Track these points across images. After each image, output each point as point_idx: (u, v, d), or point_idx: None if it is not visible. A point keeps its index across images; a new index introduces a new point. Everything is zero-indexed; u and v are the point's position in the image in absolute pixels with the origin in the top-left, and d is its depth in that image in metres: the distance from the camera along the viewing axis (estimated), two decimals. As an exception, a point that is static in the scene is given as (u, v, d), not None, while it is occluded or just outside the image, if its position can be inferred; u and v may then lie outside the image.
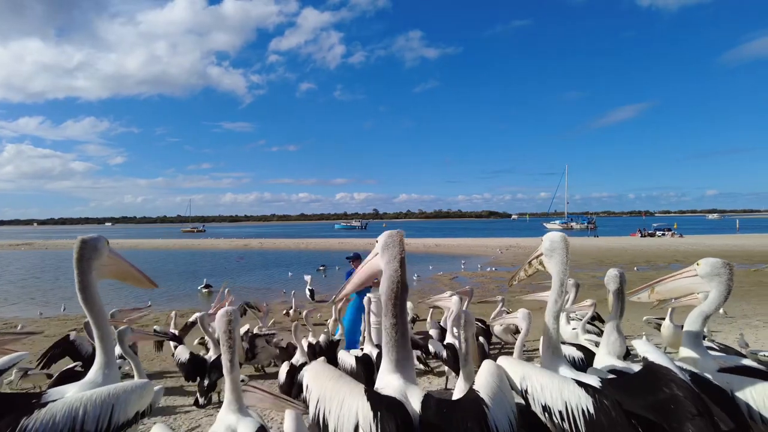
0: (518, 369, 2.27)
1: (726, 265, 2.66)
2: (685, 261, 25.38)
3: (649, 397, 2.05)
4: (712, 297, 2.69)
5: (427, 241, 47.97)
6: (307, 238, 59.08)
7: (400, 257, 2.11)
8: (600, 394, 2.04)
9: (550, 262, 2.65)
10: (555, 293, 2.59)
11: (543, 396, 2.12)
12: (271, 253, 39.36)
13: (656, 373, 2.12)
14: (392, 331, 2.08)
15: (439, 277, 21.73)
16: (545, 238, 2.70)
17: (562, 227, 77.19)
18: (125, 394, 2.51)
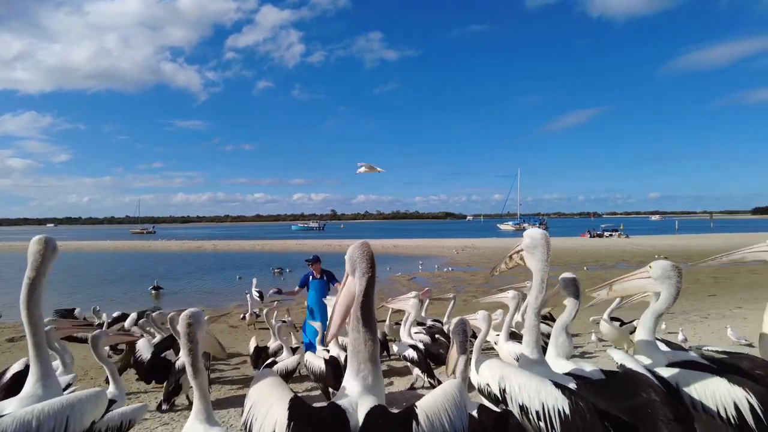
0: (497, 369, 2.31)
1: (675, 268, 2.83)
2: (631, 261, 26.70)
3: (626, 400, 2.14)
4: (663, 297, 2.85)
5: (386, 242, 48.14)
6: (263, 240, 58.00)
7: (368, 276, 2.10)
8: (576, 396, 2.10)
9: (531, 259, 2.69)
10: (536, 290, 2.63)
11: (521, 396, 2.16)
12: (226, 255, 38.36)
13: (633, 378, 2.23)
14: (358, 343, 2.07)
15: (397, 278, 21.85)
16: (526, 235, 2.73)
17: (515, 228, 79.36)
18: (80, 403, 2.41)
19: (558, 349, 2.91)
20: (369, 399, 1.99)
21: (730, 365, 2.66)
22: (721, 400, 2.33)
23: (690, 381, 2.49)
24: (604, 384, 2.31)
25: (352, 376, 2.06)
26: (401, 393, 6.13)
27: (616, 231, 55.27)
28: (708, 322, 10.56)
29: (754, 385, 2.36)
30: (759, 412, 2.24)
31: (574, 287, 2.99)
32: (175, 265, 31.38)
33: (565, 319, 2.92)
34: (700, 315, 11.55)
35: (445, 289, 17.01)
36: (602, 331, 7.18)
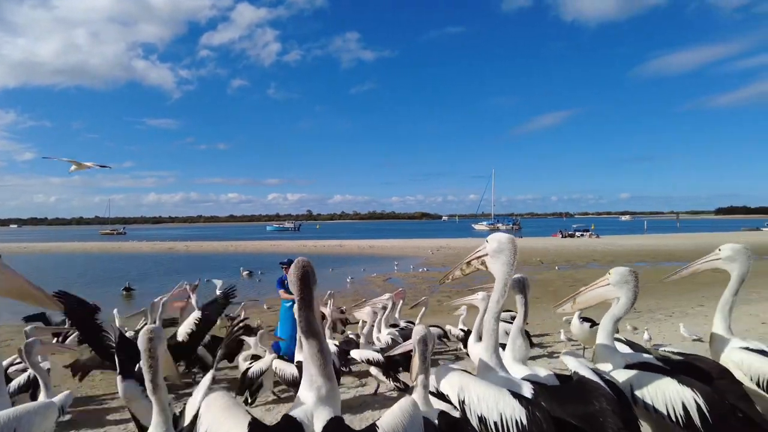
0: (457, 379, 2.33)
1: (632, 273, 2.93)
2: (602, 260, 27.32)
3: (580, 408, 2.21)
4: (622, 302, 2.95)
5: (362, 243, 48.11)
6: (237, 241, 57.18)
7: (300, 297, 2.11)
8: (533, 406, 2.15)
9: (494, 263, 2.67)
10: (498, 294, 2.63)
11: (479, 407, 2.18)
12: (199, 257, 37.73)
13: (587, 386, 2.29)
14: (309, 356, 2.10)
15: (372, 279, 21.88)
16: (492, 239, 2.71)
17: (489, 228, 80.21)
18: (28, 415, 2.36)
19: (515, 352, 2.96)
20: (325, 410, 2.01)
21: (682, 366, 2.78)
22: (671, 400, 2.43)
23: (644, 383, 2.59)
24: (558, 390, 2.36)
25: (307, 387, 2.09)
26: (370, 396, 6.16)
27: (588, 231, 56.43)
28: (672, 320, 10.91)
29: (702, 385, 2.47)
30: (705, 411, 2.34)
31: (522, 288, 3.05)
32: (146, 266, 30.72)
33: (520, 323, 2.98)
34: (665, 313, 11.93)
35: (420, 289, 17.12)
36: (573, 331, 7.34)
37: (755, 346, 2.94)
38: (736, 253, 3.19)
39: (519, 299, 3.06)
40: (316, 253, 38.27)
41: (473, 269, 2.84)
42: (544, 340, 9.24)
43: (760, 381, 2.76)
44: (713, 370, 2.74)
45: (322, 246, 44.86)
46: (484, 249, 2.73)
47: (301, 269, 2.14)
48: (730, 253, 3.20)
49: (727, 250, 3.22)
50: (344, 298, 15.35)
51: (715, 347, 3.10)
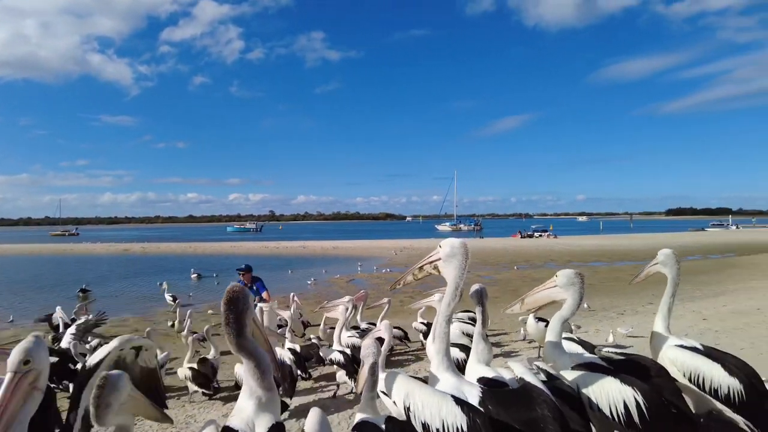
0: (402, 385, 2.36)
1: (578, 275, 3.06)
2: (559, 260, 28.14)
3: (524, 414, 2.28)
4: (568, 303, 3.07)
5: (325, 244, 47.83)
6: (196, 242, 55.79)
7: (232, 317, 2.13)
8: (474, 413, 2.20)
9: (447, 268, 2.69)
10: (449, 297, 2.65)
11: (423, 414, 2.23)
12: (156, 259, 36.57)
13: (531, 392, 2.36)
14: (248, 368, 2.13)
15: (336, 280, 21.80)
16: (445, 244, 2.73)
17: (452, 229, 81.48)
18: None
19: (478, 355, 3.02)
20: (266, 417, 2.06)
21: (623, 365, 2.92)
22: (613, 399, 2.56)
23: (589, 383, 2.71)
24: (505, 395, 2.43)
25: (246, 396, 2.13)
26: (329, 400, 6.17)
27: (546, 231, 57.94)
28: (624, 318, 11.38)
29: (641, 384, 2.60)
30: (643, 409, 2.48)
31: (480, 298, 3.14)
32: (101, 269, 29.61)
33: (480, 329, 3.05)
34: (617, 311, 12.42)
35: (383, 290, 17.18)
36: (529, 330, 7.56)
37: (689, 344, 3.12)
38: (668, 258, 3.41)
39: (478, 310, 3.13)
40: (278, 254, 37.79)
41: (426, 274, 2.86)
42: (502, 340, 9.46)
43: (691, 376, 2.94)
44: (651, 368, 2.89)
45: (285, 247, 44.33)
46: (437, 253, 2.75)
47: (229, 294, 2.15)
48: (663, 258, 3.43)
49: (661, 255, 3.45)
50: (306, 300, 15.22)
51: (654, 345, 3.27)
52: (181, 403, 6.47)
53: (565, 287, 3.06)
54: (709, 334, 8.56)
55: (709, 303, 12.51)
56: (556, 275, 3.14)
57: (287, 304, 9.56)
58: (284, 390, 5.32)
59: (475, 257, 30.29)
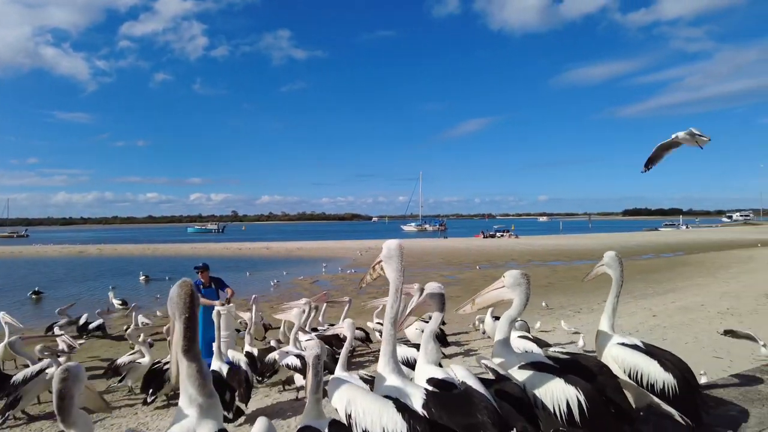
0: (344, 392, 2.36)
1: (524, 276, 3.13)
2: (520, 260, 28.81)
3: (464, 419, 2.31)
4: (515, 303, 3.13)
5: (290, 245, 47.37)
6: (155, 243, 54.19)
7: (185, 317, 2.09)
8: (414, 420, 2.22)
9: (387, 269, 2.73)
10: (392, 298, 2.67)
11: (364, 421, 2.23)
12: (113, 261, 35.28)
13: (473, 398, 2.40)
14: (187, 376, 2.08)
15: (299, 282, 21.63)
16: (385, 246, 2.77)
17: (417, 229, 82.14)
18: None
19: (427, 356, 3.04)
20: (208, 424, 2.02)
21: (570, 365, 3.00)
22: (557, 398, 2.63)
23: (535, 382, 2.78)
24: (448, 399, 2.45)
25: (187, 403, 2.08)
26: (288, 403, 6.11)
27: (508, 231, 59.15)
28: (580, 316, 11.76)
29: (584, 383, 2.69)
30: (584, 408, 2.56)
31: (440, 300, 3.15)
32: (53, 272, 28.31)
33: (432, 328, 3.05)
34: (574, 309, 12.84)
35: (347, 291, 17.14)
36: (486, 328, 7.71)
37: (630, 342, 3.24)
38: (611, 260, 3.54)
39: (436, 315, 3.14)
40: (240, 255, 37.13)
41: (377, 274, 2.90)
42: (461, 339, 9.61)
43: (631, 373, 3.06)
44: (595, 368, 2.99)
45: (248, 248, 43.59)
46: (380, 256, 2.79)
47: (188, 287, 2.10)
48: (608, 260, 3.55)
49: (607, 257, 3.57)
50: (269, 303, 15.08)
51: (598, 343, 3.38)
52: (134, 410, 6.28)
53: (512, 287, 3.12)
54: (658, 330, 8.94)
55: (659, 300, 13.08)
56: (504, 276, 3.20)
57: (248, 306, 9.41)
58: (239, 395, 5.23)
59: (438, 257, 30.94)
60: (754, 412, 3.44)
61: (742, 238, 43.58)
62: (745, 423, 3.26)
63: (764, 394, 3.81)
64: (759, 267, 20.37)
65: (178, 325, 2.08)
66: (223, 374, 5.25)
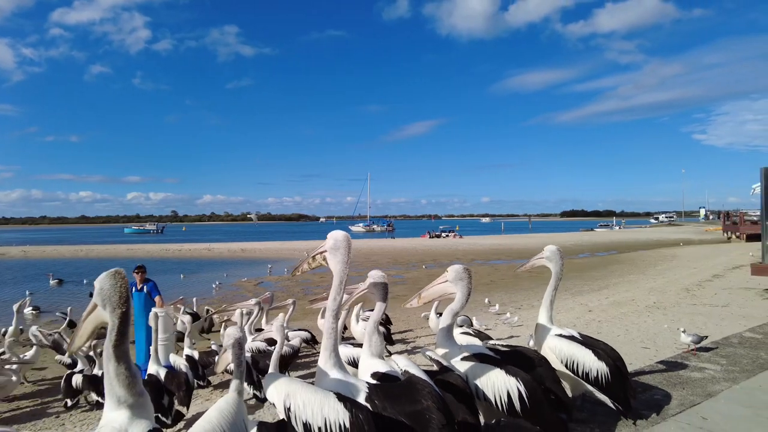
0: (283, 387, 2.31)
1: (466, 271, 3.21)
2: (464, 258, 29.46)
3: (409, 406, 2.34)
4: (458, 297, 3.21)
5: (233, 246, 46.03)
6: (88, 245, 51.10)
7: (120, 311, 2.02)
8: (357, 409, 2.22)
9: (332, 260, 2.71)
10: (334, 291, 2.67)
11: (305, 413, 2.20)
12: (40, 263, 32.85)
13: (416, 385, 2.43)
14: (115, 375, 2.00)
15: (243, 284, 21.06)
16: (330, 237, 2.75)
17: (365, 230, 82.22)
18: None
19: (372, 348, 3.04)
20: (141, 423, 1.95)
21: (509, 356, 3.11)
22: (498, 389, 2.72)
23: (477, 374, 2.85)
24: (391, 389, 2.47)
25: (115, 406, 1.99)
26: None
27: (453, 232, 60.36)
28: (520, 312, 12.17)
29: (525, 374, 2.79)
30: (525, 398, 2.66)
31: (383, 290, 3.15)
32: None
33: (375, 318, 3.04)
34: (515, 306, 13.27)
35: (293, 292, 16.89)
36: (430, 325, 7.81)
37: (567, 333, 3.40)
38: (553, 253, 3.68)
39: (379, 305, 3.11)
40: (180, 257, 35.71)
41: (317, 264, 2.87)
42: (407, 336, 9.69)
43: (568, 362, 3.21)
44: (534, 359, 3.12)
45: (188, 249, 41.97)
46: (324, 245, 2.77)
47: (123, 278, 2.00)
48: (549, 254, 3.69)
49: (547, 251, 3.71)
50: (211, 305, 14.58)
51: (537, 335, 3.53)
52: (60, 420, 5.90)
53: (455, 282, 3.19)
54: (593, 324, 9.41)
55: (594, 296, 13.77)
56: (447, 271, 3.26)
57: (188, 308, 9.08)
58: (179, 399, 5.02)
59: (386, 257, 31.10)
60: (675, 395, 3.71)
61: (667, 237, 46.77)
62: (667, 405, 3.51)
63: (684, 378, 4.11)
64: (681, 264, 21.92)
65: (111, 319, 1.98)
66: (160, 378, 5.02)
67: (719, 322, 8.08)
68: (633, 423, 3.17)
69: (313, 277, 22.82)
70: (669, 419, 3.25)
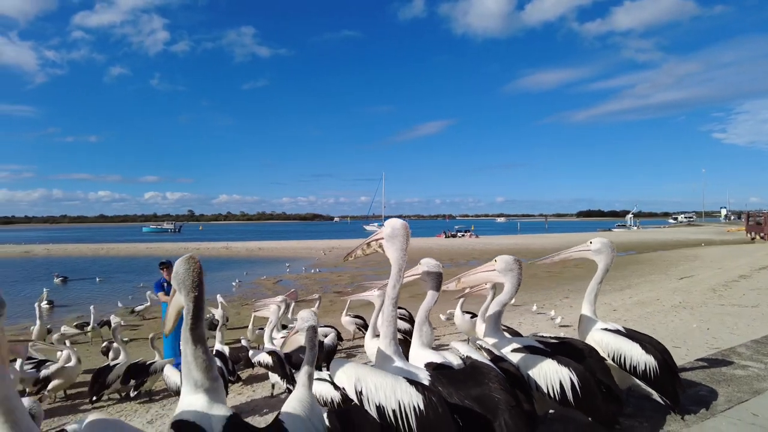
0: (352, 371, 2.31)
1: (516, 261, 3.19)
2: (481, 258, 29.34)
3: (475, 390, 2.34)
4: (506, 288, 3.19)
5: (250, 245, 46.43)
6: (108, 243, 51.99)
7: (194, 295, 2.04)
8: (429, 392, 2.22)
9: (390, 248, 2.70)
10: (393, 279, 2.66)
11: (377, 396, 2.20)
12: (62, 261, 33.48)
13: (480, 369, 2.44)
14: (193, 359, 2.01)
15: (262, 281, 21.26)
16: (387, 224, 2.76)
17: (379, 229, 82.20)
18: None
19: (423, 338, 3.04)
20: (220, 408, 1.96)
21: (559, 348, 3.09)
22: (551, 379, 2.70)
23: (529, 363, 2.84)
24: (454, 375, 2.48)
25: (192, 389, 1.99)
26: (263, 400, 6.00)
27: (468, 232, 60.11)
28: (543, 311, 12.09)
29: (576, 365, 2.77)
30: (577, 388, 2.64)
31: (436, 279, 3.14)
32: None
33: (426, 307, 3.02)
34: (537, 305, 13.18)
35: (312, 290, 16.99)
36: (456, 322, 7.79)
37: (612, 327, 3.37)
38: (604, 246, 3.61)
39: (431, 294, 3.10)
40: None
41: (372, 250, 2.86)
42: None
43: (614, 356, 3.18)
44: (584, 350, 3.09)
45: (206, 248, 42.41)
46: (381, 233, 2.77)
47: (197, 263, 2.03)
48: (599, 246, 3.61)
49: (597, 243, 3.64)
50: (230, 303, 14.75)
51: (581, 328, 3.49)
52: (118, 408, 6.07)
53: (504, 272, 3.18)
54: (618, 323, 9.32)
55: (617, 296, 13.61)
56: (495, 260, 3.24)
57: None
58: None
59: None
60: (721, 391, 3.65)
61: (688, 238, 45.99)
62: (714, 401, 3.45)
63: (728, 376, 4.04)
64: (704, 264, 21.55)
65: (186, 303, 2.01)
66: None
67: (750, 323, 7.93)
68: (681, 418, 3.13)
69: (330, 275, 22.97)
70: (718, 415, 3.21)
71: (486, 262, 3.59)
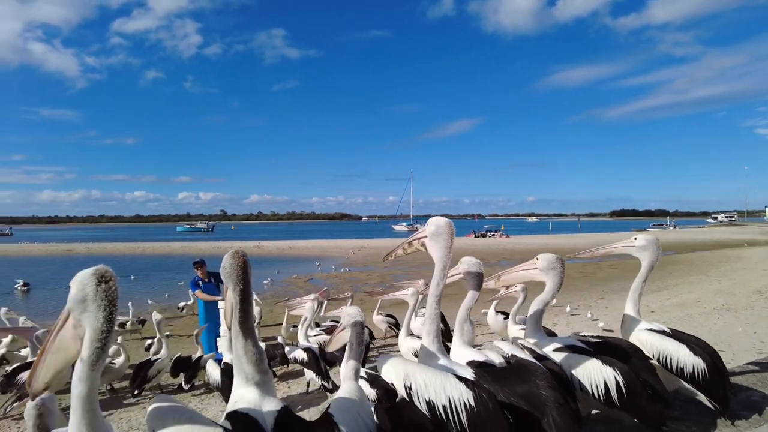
0: (401, 367, 2.31)
1: (559, 260, 3.12)
2: (512, 258, 28.92)
3: (521, 387, 2.31)
4: (548, 287, 3.14)
5: (281, 244, 47.11)
6: (144, 242, 53.57)
7: (240, 288, 2.07)
8: (479, 388, 2.20)
9: (433, 247, 2.67)
10: (437, 277, 2.64)
11: (427, 392, 2.19)
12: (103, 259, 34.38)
13: (526, 367, 2.41)
14: (244, 352, 2.03)
15: (293, 280, 21.54)
16: (431, 222, 2.72)
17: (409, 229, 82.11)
18: None
19: (463, 337, 3.02)
20: (272, 401, 1.97)
21: (602, 347, 3.02)
22: (595, 379, 2.64)
23: (572, 363, 2.78)
24: (499, 372, 2.46)
25: (243, 383, 2.01)
26: (299, 396, 6.07)
27: (498, 231, 59.39)
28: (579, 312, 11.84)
29: (621, 364, 2.70)
30: (623, 388, 2.57)
31: (477, 280, 3.12)
32: (39, 269, 27.84)
33: (467, 306, 3.00)
34: (571, 307, 12.91)
35: (342, 289, 17.09)
36: (489, 322, 7.72)
37: (657, 327, 3.26)
38: (649, 243, 3.50)
39: (472, 294, 3.07)
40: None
41: (414, 249, 2.83)
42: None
43: (660, 357, 3.08)
44: (628, 350, 3.01)
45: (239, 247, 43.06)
46: (424, 231, 2.74)
47: (242, 257, 2.07)
48: (644, 243, 3.50)
49: (642, 240, 3.53)
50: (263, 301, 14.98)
51: (625, 327, 3.39)
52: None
53: (546, 270, 3.12)
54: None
55: (654, 297, 13.20)
56: (537, 258, 3.19)
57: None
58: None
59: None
60: (774, 397, 3.50)
61: (729, 238, 44.21)
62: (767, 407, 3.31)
63: (781, 381, 3.87)
64: (748, 266, 20.67)
65: (233, 296, 2.04)
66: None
67: (801, 326, 7.59)
68: (731, 423, 3.01)
69: (360, 275, 23.08)
70: (771, 421, 3.08)
71: (518, 262, 3.54)
